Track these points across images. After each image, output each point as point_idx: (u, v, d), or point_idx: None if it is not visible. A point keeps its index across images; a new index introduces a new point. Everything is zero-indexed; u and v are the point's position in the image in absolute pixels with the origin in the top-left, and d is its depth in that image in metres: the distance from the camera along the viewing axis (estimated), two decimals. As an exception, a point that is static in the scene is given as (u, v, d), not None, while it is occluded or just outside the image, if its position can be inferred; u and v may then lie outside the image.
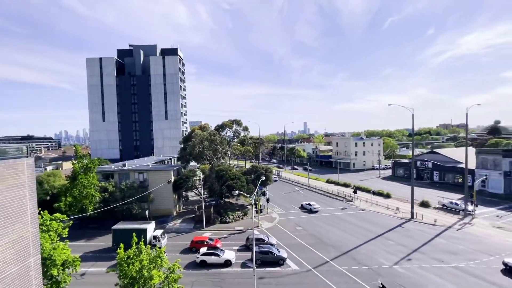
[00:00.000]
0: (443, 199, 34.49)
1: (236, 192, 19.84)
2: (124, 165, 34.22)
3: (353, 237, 25.01)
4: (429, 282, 17.27)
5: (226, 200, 34.92)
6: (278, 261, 19.87)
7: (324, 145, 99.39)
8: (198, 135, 37.64)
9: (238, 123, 43.29)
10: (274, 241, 23.25)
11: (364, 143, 69.43)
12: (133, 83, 71.11)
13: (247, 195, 24.26)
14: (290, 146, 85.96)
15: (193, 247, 22.27)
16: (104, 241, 24.31)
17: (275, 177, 50.03)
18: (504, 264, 18.33)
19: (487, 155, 40.62)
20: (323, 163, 75.92)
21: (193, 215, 30.80)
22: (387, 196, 38.65)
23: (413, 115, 30.23)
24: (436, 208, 32.71)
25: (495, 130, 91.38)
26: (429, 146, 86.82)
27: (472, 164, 39.56)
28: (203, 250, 20.56)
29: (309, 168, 58.07)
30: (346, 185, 46.51)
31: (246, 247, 22.53)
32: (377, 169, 62.54)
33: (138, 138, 71.59)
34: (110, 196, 27.54)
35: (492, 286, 16.73)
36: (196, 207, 31.01)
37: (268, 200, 32.87)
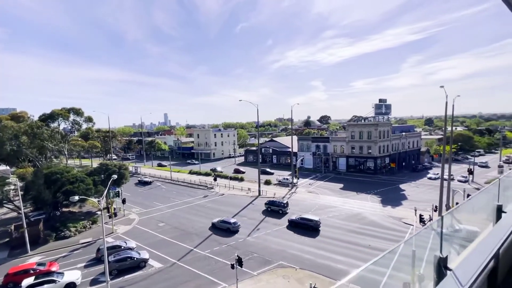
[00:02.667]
0: (279, 176, 43.23)
1: (76, 197, 15.65)
2: None
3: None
4: (271, 243, 21.23)
5: (65, 209, 27.49)
6: (139, 265, 17.86)
7: (186, 137, 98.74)
8: (9, 127, 26.96)
9: (77, 112, 34.39)
10: (134, 245, 20.73)
11: (222, 134, 74.79)
12: None
13: (94, 199, 20.00)
14: (150, 139, 78.93)
15: (10, 283, 16.00)
16: None
17: (132, 174, 44.48)
18: (300, 218, 25.15)
19: (303, 141, 54.52)
20: (186, 155, 75.53)
21: (8, 239, 22.13)
22: (241, 179, 43.75)
23: (257, 110, 35.39)
24: (275, 184, 40.54)
25: (307, 123, 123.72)
26: (270, 136, 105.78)
27: (295, 148, 51.76)
28: (28, 281, 15.20)
29: (170, 162, 55.87)
30: (207, 174, 48.47)
31: (98, 260, 18.73)
32: (233, 157, 69.51)
33: None
34: None
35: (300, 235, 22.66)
36: (12, 227, 22.25)
37: (124, 201, 28.71)
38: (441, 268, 1.28)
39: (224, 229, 24.01)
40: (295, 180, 39.50)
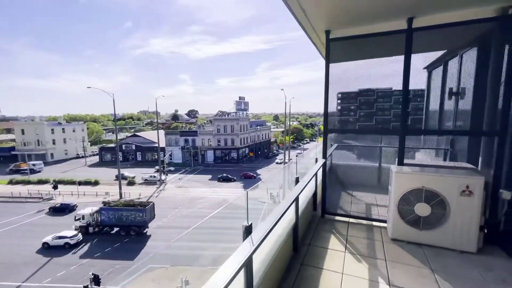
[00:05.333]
0: (145, 174, 39.46)
1: None
2: None
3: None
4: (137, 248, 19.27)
5: None
6: None
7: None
8: None
9: None
10: None
11: (64, 129, 58.58)
12: None
13: None
14: None
15: None
16: None
17: None
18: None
19: (171, 136, 52.39)
20: (1, 158, 53.65)
21: None
22: (96, 183, 36.41)
23: (114, 100, 30.34)
24: (141, 184, 36.68)
25: (175, 117, 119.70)
26: (132, 130, 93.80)
27: (163, 143, 48.87)
28: None
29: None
30: (43, 182, 36.79)
31: None
32: (83, 157, 56.19)
33: None
34: None
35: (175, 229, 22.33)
36: None
37: None
38: (247, 233, 1.62)
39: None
40: (163, 177, 37.40)
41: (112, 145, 57.80)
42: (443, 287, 2.56)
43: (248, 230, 1.76)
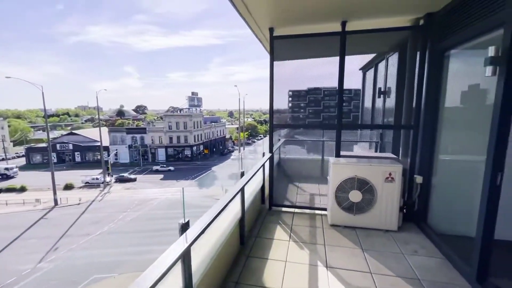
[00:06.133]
0: (86, 177, 35.40)
1: None
2: None
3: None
4: (76, 259, 17.25)
5: None
6: None
7: None
8: None
9: None
10: None
11: (-26, 127, 48.66)
12: None
13: None
14: None
15: None
16: None
17: None
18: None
19: (117, 133, 47.97)
20: None
21: None
22: (22, 190, 31.32)
23: (43, 93, 26.34)
24: (81, 187, 32.84)
25: (121, 112, 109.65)
26: (69, 128, 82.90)
27: (106, 142, 44.43)
28: None
29: None
30: None
31: None
32: (3, 159, 47.61)
33: None
34: None
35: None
36: None
37: None
38: (183, 231, 1.61)
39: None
40: (108, 179, 34.11)
41: (44, 144, 50.12)
42: (370, 263, 2.89)
43: (184, 228, 1.71)
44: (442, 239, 3.20)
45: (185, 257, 1.68)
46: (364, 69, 6.58)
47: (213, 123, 58.81)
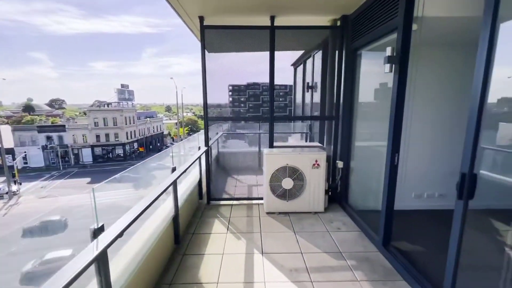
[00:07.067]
0: (-19, 187, 28.34)
1: None
2: None
3: None
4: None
5: None
6: None
7: None
8: None
9: None
10: None
11: None
12: None
13: None
14: None
15: None
16: None
17: None
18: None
19: (24, 132, 39.75)
20: None
21: None
22: None
23: None
24: (-27, 201, 26.18)
25: (29, 107, 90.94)
26: (-50, 127, 64.31)
27: (10, 143, 36.39)
28: None
29: None
30: None
31: None
32: None
33: None
34: None
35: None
36: None
37: None
38: (94, 236, 1.47)
39: None
40: (14, 188, 28.11)
41: None
42: (300, 244, 3.12)
43: (97, 234, 1.51)
44: (359, 215, 3.69)
45: (100, 265, 1.49)
46: (295, 65, 7.00)
47: (148, 118, 54.37)
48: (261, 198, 4.33)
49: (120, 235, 1.59)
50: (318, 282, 2.46)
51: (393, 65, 2.61)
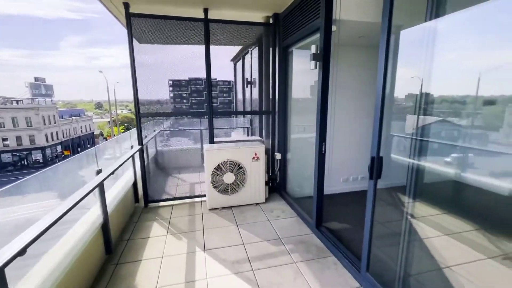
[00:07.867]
0: None
1: None
2: None
3: None
4: None
5: None
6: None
7: None
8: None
9: None
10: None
11: None
12: None
13: None
14: None
15: None
16: None
17: None
18: None
19: None
20: None
21: None
22: None
23: None
24: None
25: None
26: None
27: None
28: None
29: None
30: None
31: None
32: None
33: None
34: None
35: None
36: None
37: None
38: None
39: None
40: None
41: None
42: (243, 235, 3.19)
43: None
44: (295, 202, 3.96)
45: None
46: (234, 60, 7.01)
47: (73, 117, 47.35)
48: (204, 195, 4.25)
49: (22, 251, 1.34)
50: (259, 270, 2.56)
51: (318, 62, 2.85)
